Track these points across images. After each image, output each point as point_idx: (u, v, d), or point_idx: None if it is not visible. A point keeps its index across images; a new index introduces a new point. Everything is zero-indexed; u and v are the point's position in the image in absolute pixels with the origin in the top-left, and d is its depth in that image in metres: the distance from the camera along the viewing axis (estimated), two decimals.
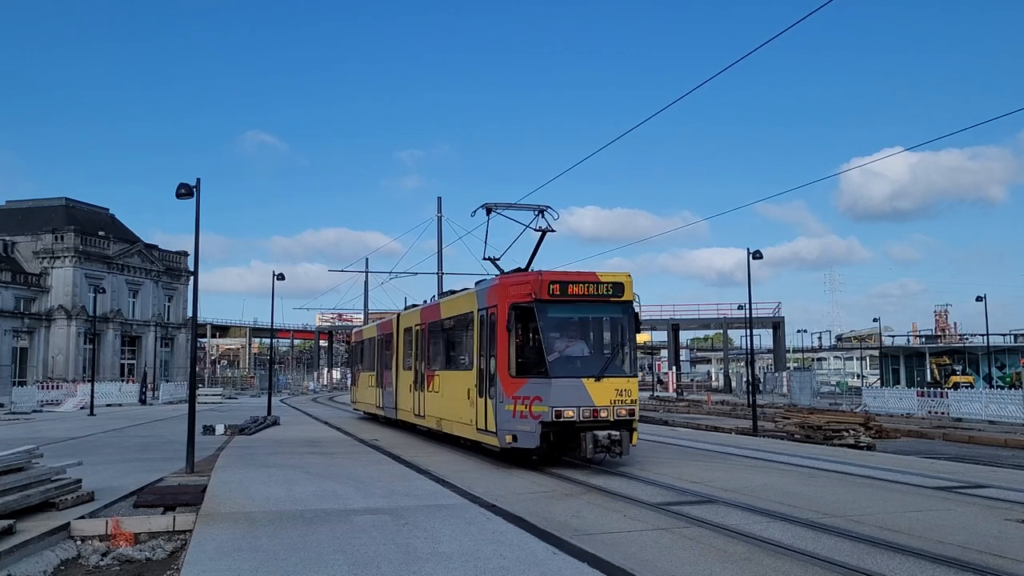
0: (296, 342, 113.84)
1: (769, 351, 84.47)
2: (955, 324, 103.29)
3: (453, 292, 19.75)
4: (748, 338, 40.76)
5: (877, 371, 79.54)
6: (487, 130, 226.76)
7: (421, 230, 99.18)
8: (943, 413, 32.57)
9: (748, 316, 28.56)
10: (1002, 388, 49.52)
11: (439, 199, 43.18)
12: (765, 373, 70.79)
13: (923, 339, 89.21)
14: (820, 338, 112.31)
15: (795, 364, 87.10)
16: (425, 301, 23.18)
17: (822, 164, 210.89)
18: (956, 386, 48.49)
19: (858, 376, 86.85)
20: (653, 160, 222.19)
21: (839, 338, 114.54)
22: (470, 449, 17.58)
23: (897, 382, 66.15)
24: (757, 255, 27.47)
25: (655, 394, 62.31)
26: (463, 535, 8.71)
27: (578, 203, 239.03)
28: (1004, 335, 74.14)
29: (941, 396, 34.48)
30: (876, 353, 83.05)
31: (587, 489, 12.31)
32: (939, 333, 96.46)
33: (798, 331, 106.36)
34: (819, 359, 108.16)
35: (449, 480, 13.13)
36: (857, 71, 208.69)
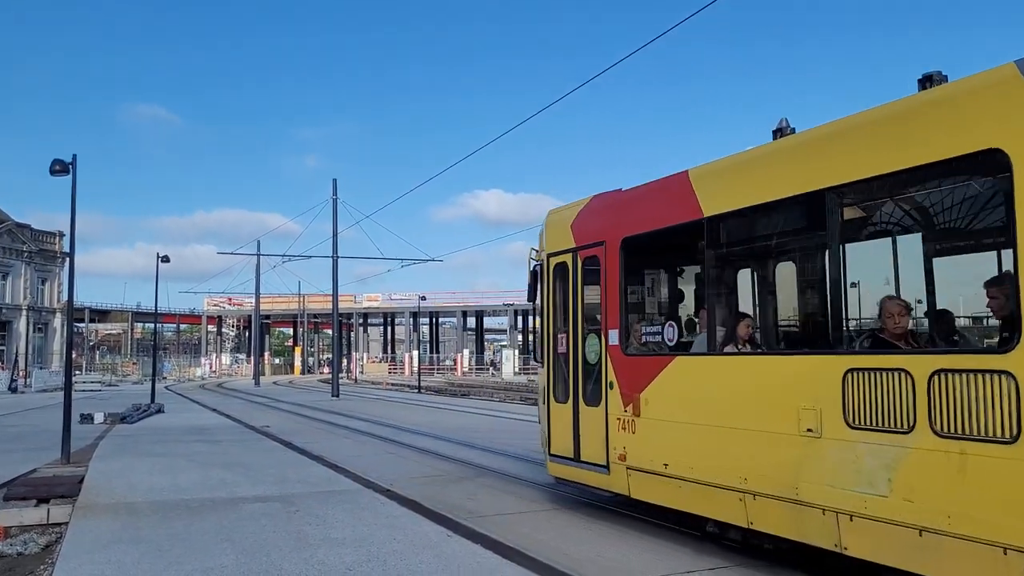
0: (183, 327, 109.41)
1: None
2: None
3: None
4: None
5: None
6: (392, 109, 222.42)
7: (318, 211, 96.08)
8: None
9: None
10: None
11: (334, 181, 42.10)
12: None
13: None
14: None
15: None
16: None
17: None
18: None
19: None
20: (557, 145, 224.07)
21: None
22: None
23: None
24: None
25: None
26: (356, 520, 8.63)
27: (482, 186, 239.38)
28: None
29: None
30: None
31: (482, 472, 12.40)
32: None
33: None
34: None
35: (343, 466, 12.95)
36: (767, 59, 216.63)
